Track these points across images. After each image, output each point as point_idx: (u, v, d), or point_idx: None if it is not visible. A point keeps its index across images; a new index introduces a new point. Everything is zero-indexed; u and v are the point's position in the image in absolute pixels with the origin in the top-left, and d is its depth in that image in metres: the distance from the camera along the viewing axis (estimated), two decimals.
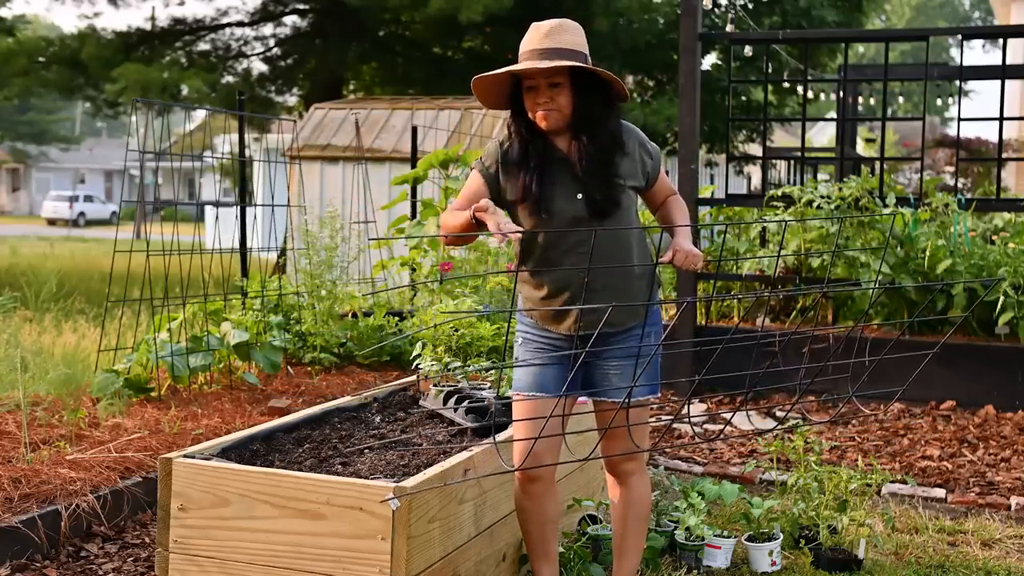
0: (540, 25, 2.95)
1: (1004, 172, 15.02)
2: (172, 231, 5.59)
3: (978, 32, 12.87)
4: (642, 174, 3.05)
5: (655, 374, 3.10)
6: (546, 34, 2.91)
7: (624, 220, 2.98)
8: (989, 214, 7.65)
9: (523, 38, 2.97)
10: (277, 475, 2.89)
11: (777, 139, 27.59)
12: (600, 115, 2.97)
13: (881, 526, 4.22)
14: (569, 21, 2.97)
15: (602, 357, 3.05)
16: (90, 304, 8.56)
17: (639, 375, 3.01)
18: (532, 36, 2.95)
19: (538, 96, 2.93)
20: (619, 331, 3.04)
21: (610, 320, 2.99)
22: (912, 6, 49.51)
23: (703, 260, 2.89)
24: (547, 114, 2.93)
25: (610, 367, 3.04)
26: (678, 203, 3.16)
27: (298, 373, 6.30)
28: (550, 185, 2.97)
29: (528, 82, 2.94)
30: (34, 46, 16.33)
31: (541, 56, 2.89)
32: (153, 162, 8.70)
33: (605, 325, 2.98)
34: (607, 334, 3.02)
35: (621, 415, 3.03)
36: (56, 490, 3.84)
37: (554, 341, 3.07)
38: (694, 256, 2.89)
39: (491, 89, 3.02)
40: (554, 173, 2.98)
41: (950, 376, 6.27)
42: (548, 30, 2.92)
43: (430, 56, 17.75)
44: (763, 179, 7.58)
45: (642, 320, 3.05)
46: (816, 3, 15.52)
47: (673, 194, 3.18)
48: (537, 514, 3.13)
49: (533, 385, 3.06)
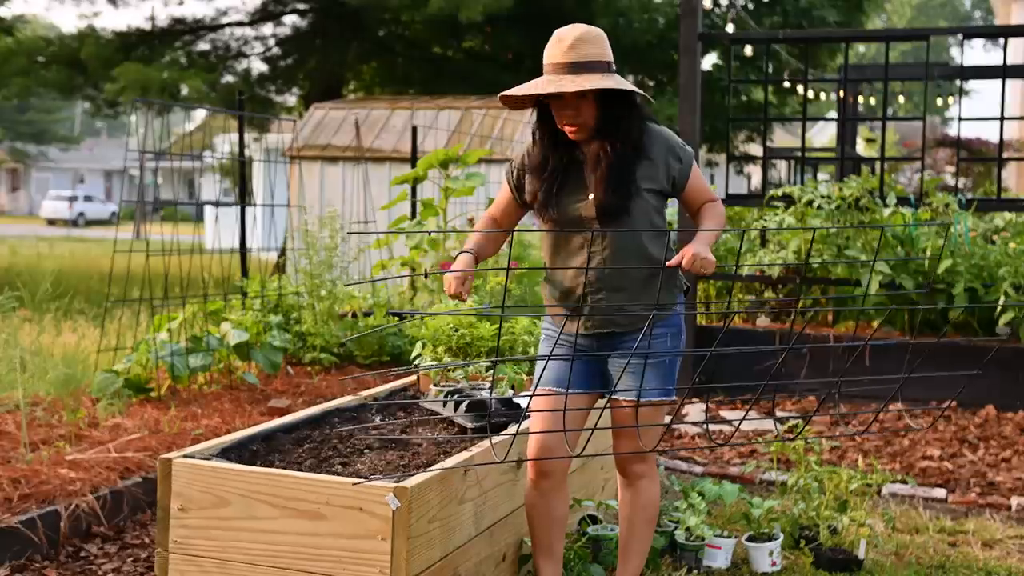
0: (563, 37, 2.92)
1: (1004, 172, 15.02)
2: (172, 231, 5.59)
3: (978, 32, 12.86)
4: (666, 179, 3.01)
5: (670, 377, 3.08)
6: (570, 47, 2.89)
7: (637, 224, 2.97)
8: (989, 214, 7.65)
9: (546, 47, 2.95)
10: (277, 475, 2.88)
11: (777, 139, 27.59)
12: (623, 122, 2.97)
13: (881, 526, 4.21)
14: (592, 29, 2.94)
15: (616, 356, 3.06)
16: (90, 304, 8.56)
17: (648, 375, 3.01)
18: (555, 49, 2.92)
19: (565, 108, 2.93)
20: (630, 331, 3.03)
21: (620, 320, 3.01)
22: (912, 6, 49.50)
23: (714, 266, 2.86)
24: (576, 129, 2.95)
25: (628, 366, 3.04)
26: (712, 210, 3.09)
27: (298, 373, 6.30)
28: (563, 188, 3.00)
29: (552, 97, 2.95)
30: (33, 46, 16.31)
31: (567, 71, 2.88)
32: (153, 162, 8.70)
33: (615, 325, 3.02)
34: (619, 334, 3.04)
35: (630, 415, 3.03)
36: (56, 490, 3.84)
37: (576, 341, 3.09)
38: (704, 261, 2.82)
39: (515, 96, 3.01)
40: (570, 176, 3.00)
41: (950, 376, 6.26)
42: (572, 43, 2.89)
43: (430, 56, 17.75)
44: (763, 179, 7.57)
45: (662, 321, 3.05)
46: (816, 3, 15.52)
47: (711, 200, 3.11)
48: (545, 510, 3.14)
49: (552, 380, 3.10)
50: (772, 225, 7.27)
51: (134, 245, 6.31)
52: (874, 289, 6.29)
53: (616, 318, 3.00)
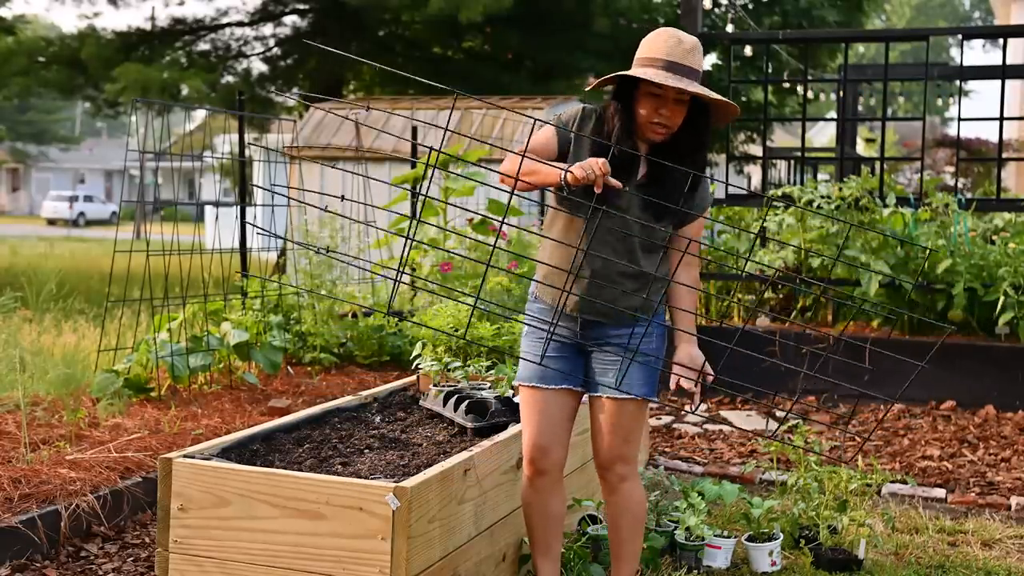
0: (682, 39, 2.88)
1: (1004, 172, 15.01)
2: (172, 231, 5.59)
3: (978, 32, 12.88)
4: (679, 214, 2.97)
5: (653, 377, 3.04)
6: (689, 51, 2.86)
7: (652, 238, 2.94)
8: (989, 214, 7.65)
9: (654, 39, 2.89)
10: (277, 475, 2.88)
11: (777, 139, 27.59)
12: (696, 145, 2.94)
13: (881, 526, 4.22)
14: (694, 39, 2.91)
15: (600, 352, 3.04)
16: (90, 304, 8.56)
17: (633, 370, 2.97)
18: (672, 46, 2.86)
19: (661, 106, 2.87)
20: (614, 324, 3.00)
21: (604, 311, 2.97)
22: (912, 6, 49.50)
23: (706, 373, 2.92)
24: (665, 132, 2.90)
25: (609, 362, 3.02)
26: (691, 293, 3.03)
27: (298, 373, 6.30)
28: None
29: (654, 89, 2.87)
30: (34, 46, 16.34)
31: (684, 74, 2.84)
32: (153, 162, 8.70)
33: (600, 316, 2.98)
34: (602, 325, 3.00)
35: (612, 412, 3.01)
36: (56, 490, 3.84)
37: (559, 332, 3.05)
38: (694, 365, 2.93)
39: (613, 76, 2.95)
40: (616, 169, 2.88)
41: (950, 376, 6.27)
42: (691, 47, 2.86)
43: (430, 56, 17.77)
44: (763, 179, 7.57)
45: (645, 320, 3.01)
46: (816, 3, 15.54)
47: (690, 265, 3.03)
48: (541, 509, 3.12)
49: (532, 377, 3.06)
50: (772, 225, 7.28)
51: (134, 245, 6.31)
52: (873, 289, 6.29)
53: (604, 310, 2.97)
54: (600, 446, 3.07)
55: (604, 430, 3.04)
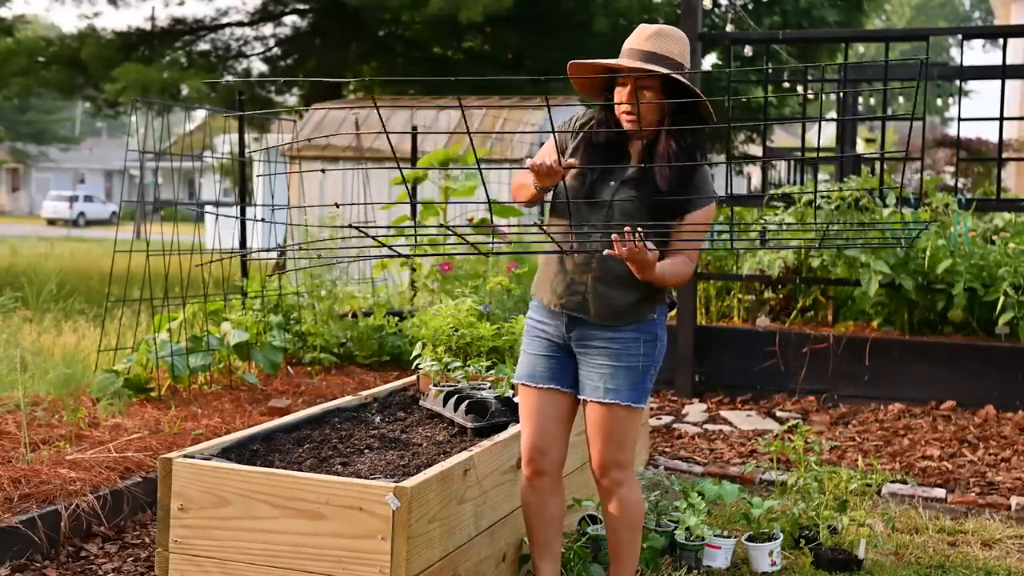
0: (647, 27, 2.96)
1: (1004, 172, 15.01)
2: (172, 231, 5.59)
3: (978, 32, 12.87)
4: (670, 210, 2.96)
5: (640, 383, 3.00)
6: (649, 36, 2.92)
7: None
8: (989, 214, 7.65)
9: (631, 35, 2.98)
10: (277, 475, 2.89)
11: (777, 139, 27.59)
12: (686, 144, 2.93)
13: (881, 526, 4.22)
14: (675, 29, 2.96)
15: (585, 355, 3.03)
16: (90, 304, 8.56)
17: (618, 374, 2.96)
18: (636, 35, 2.96)
19: (623, 95, 2.93)
20: (599, 324, 2.98)
21: (595, 311, 2.97)
22: (912, 6, 49.50)
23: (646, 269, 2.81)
24: (632, 119, 2.92)
25: (594, 366, 3.01)
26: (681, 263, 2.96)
27: (298, 373, 6.30)
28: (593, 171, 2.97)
29: (621, 79, 2.93)
30: (34, 46, 16.34)
31: (637, 57, 2.89)
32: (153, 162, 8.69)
33: (584, 312, 2.98)
34: (586, 323, 2.99)
35: (601, 417, 3.00)
36: (56, 490, 3.84)
37: (549, 332, 3.06)
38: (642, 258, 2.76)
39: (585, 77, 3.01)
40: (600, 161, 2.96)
41: (950, 376, 6.27)
42: (652, 33, 2.93)
43: (430, 56, 17.76)
44: (763, 179, 7.57)
45: (635, 324, 2.99)
46: (816, 3, 15.54)
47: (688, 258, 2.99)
48: (541, 509, 3.12)
49: (524, 375, 3.09)
50: (772, 225, 7.27)
51: (134, 245, 6.31)
52: (873, 289, 6.29)
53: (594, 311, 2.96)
54: (593, 452, 3.07)
55: (596, 436, 3.03)
